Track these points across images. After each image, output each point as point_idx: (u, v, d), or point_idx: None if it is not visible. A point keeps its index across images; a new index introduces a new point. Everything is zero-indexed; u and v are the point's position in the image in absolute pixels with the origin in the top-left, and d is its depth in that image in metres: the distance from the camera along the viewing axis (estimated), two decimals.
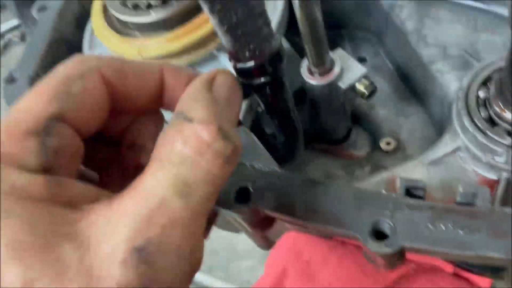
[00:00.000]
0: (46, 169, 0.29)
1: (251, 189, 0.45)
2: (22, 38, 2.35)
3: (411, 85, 0.69)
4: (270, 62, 0.43)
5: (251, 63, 0.42)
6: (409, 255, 0.65)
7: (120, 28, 0.62)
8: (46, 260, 0.25)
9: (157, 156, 0.30)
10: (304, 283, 0.68)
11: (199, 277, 1.35)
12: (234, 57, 0.42)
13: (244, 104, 0.54)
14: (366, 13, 0.74)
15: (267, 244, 0.84)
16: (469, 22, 0.61)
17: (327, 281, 0.66)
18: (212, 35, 0.59)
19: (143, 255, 0.26)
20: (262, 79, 0.44)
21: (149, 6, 0.58)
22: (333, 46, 0.80)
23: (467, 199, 0.40)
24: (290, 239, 0.73)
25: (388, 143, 0.67)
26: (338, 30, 0.82)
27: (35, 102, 0.30)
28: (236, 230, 0.97)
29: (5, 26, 2.37)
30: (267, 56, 0.42)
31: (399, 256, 0.41)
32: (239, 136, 0.33)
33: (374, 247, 0.40)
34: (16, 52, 2.24)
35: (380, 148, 0.68)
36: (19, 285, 0.25)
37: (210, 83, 0.33)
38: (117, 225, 0.27)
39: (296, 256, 0.70)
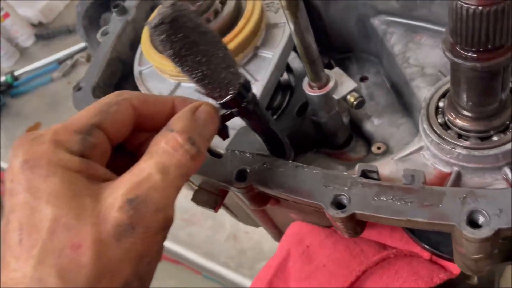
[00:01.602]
0: (82, 155, 0.44)
1: (248, 171, 0.59)
2: (88, 58, 2.63)
3: (402, 100, 0.81)
4: (238, 97, 0.52)
5: (224, 99, 0.52)
6: (390, 243, 0.77)
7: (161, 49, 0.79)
8: (71, 205, 0.40)
9: (148, 151, 0.46)
10: (304, 263, 0.80)
11: (228, 274, 1.49)
12: (209, 97, 0.52)
13: None
14: (367, 38, 0.87)
15: (279, 234, 0.97)
16: None
17: (322, 262, 0.78)
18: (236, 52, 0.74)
19: (133, 204, 0.41)
20: (235, 110, 0.54)
21: None
22: (342, 66, 0.94)
23: (407, 180, 0.52)
24: (295, 227, 0.86)
25: (378, 148, 0.79)
26: (347, 53, 0.95)
27: (84, 114, 0.47)
28: (256, 224, 1.10)
29: (74, 48, 2.65)
30: (233, 95, 0.51)
31: (355, 222, 0.53)
32: (207, 147, 0.49)
33: (333, 213, 0.52)
34: (83, 71, 2.51)
35: (372, 151, 0.80)
36: (50, 218, 0.40)
37: (195, 108, 0.50)
38: (118, 187, 0.42)
39: (298, 241, 0.83)
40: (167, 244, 1.64)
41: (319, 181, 0.56)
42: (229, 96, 0.52)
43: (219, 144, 0.65)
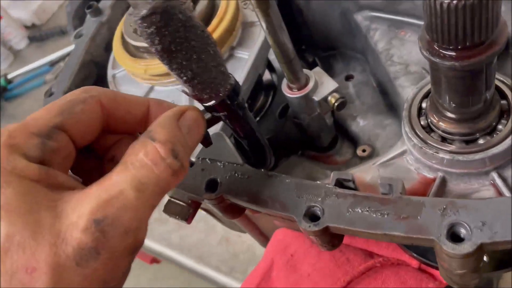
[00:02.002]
0: (42, 162, 0.39)
1: (218, 181, 0.56)
2: None
3: (387, 99, 0.77)
4: (227, 99, 0.48)
5: (211, 102, 0.47)
6: (377, 251, 0.73)
7: (133, 51, 0.75)
8: (27, 221, 0.35)
9: (123, 161, 0.40)
10: (288, 273, 0.77)
11: (220, 278, 1.46)
12: (196, 98, 0.47)
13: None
14: (351, 34, 0.83)
15: (266, 240, 0.93)
16: None
17: (307, 271, 0.75)
18: None
19: (99, 226, 0.36)
20: (223, 113, 0.50)
21: None
22: (327, 64, 0.90)
23: (385, 189, 0.49)
24: (280, 234, 0.82)
25: (363, 150, 0.75)
26: (332, 51, 0.91)
27: (45, 113, 0.41)
28: (241, 229, 1.07)
29: (67, 50, 2.62)
30: (223, 96, 0.47)
31: (330, 235, 0.50)
32: (189, 159, 0.44)
33: (306, 226, 0.49)
34: None
35: (357, 154, 0.76)
36: (3, 235, 0.34)
37: (180, 114, 0.44)
38: (83, 202, 0.37)
39: (282, 249, 0.79)
40: (160, 248, 1.61)
41: (292, 191, 0.52)
42: (219, 99, 0.47)
43: None
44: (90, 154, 0.47)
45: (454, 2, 0.39)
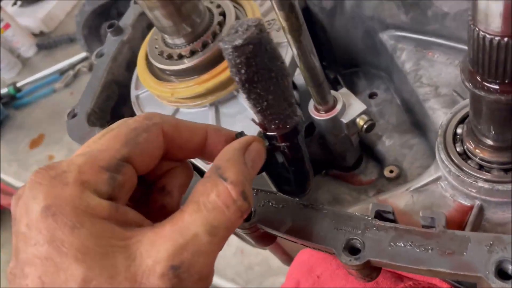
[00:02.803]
0: (110, 197, 0.38)
1: (252, 210, 0.55)
2: (90, 68, 2.60)
3: (413, 118, 0.77)
4: (290, 132, 0.49)
5: (275, 133, 0.48)
6: (408, 274, 0.72)
7: (159, 74, 0.75)
8: (103, 265, 0.34)
9: (195, 200, 0.39)
10: None
11: None
12: (262, 127, 0.49)
13: None
14: (376, 53, 0.82)
15: (288, 259, 0.93)
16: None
17: None
18: (231, 79, 0.70)
19: (177, 272, 0.35)
20: (284, 143, 0.51)
21: (180, 56, 0.70)
22: (349, 82, 0.89)
23: (426, 222, 0.48)
24: (305, 255, 0.81)
25: (391, 171, 0.75)
26: (354, 68, 0.90)
27: (112, 144, 0.40)
28: (262, 247, 1.06)
29: (76, 58, 2.62)
30: (290, 128, 0.48)
31: (370, 269, 0.49)
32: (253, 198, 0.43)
33: (346, 260, 0.48)
34: (85, 80, 2.49)
35: (384, 175, 0.75)
36: (79, 280, 0.33)
37: (246, 147, 0.44)
38: (159, 246, 0.36)
39: (308, 270, 0.78)
40: None
41: (330, 223, 0.51)
42: (285, 130, 0.48)
43: None
44: (140, 182, 0.45)
45: (505, 39, 0.38)
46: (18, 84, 2.75)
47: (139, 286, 0.34)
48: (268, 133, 0.48)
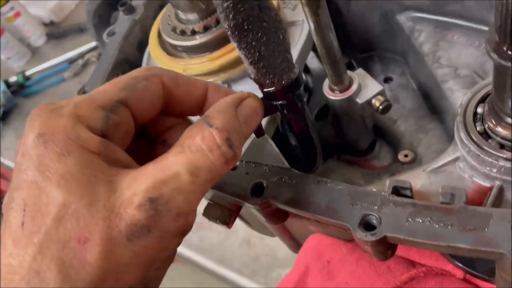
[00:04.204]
0: (104, 135, 0.39)
1: (265, 185, 0.54)
2: (99, 58, 2.60)
3: (430, 102, 0.75)
4: (288, 88, 0.48)
5: (272, 89, 0.48)
6: (420, 260, 0.71)
7: (171, 50, 0.73)
8: (83, 192, 0.35)
9: (181, 143, 0.40)
10: (324, 280, 0.74)
11: (241, 281, 1.44)
12: (258, 83, 0.48)
13: (266, 118, 0.62)
14: (392, 36, 0.80)
15: (297, 246, 0.91)
16: (481, 45, 0.66)
17: (344, 280, 0.72)
18: None
19: (154, 204, 0.36)
20: (282, 102, 0.50)
21: (193, 32, 0.69)
22: (364, 66, 0.87)
23: (446, 199, 0.46)
24: (315, 240, 0.80)
25: (406, 155, 0.73)
26: (369, 52, 0.89)
27: (110, 88, 0.42)
28: (271, 234, 1.05)
29: (85, 47, 2.62)
30: (285, 84, 0.48)
31: (385, 246, 0.47)
32: (241, 149, 0.43)
33: (361, 235, 0.46)
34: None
35: (398, 160, 0.74)
36: (59, 203, 0.35)
37: (239, 102, 0.44)
38: (139, 180, 0.37)
39: (318, 255, 0.77)
40: (179, 248, 1.60)
41: (345, 198, 0.50)
42: (281, 86, 0.47)
43: None
44: (142, 135, 0.47)
45: None
46: (27, 73, 2.75)
47: (116, 215, 0.35)
48: (265, 90, 0.48)
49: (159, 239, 0.37)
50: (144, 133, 0.47)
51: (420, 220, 0.45)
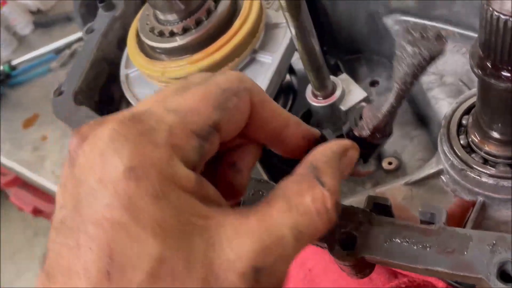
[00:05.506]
0: (195, 168, 0.33)
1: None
2: None
3: (416, 109, 0.73)
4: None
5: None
6: (401, 270, 0.69)
7: (149, 52, 0.71)
8: (180, 245, 0.30)
9: (286, 197, 0.35)
10: None
11: None
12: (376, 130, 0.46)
13: None
14: (379, 38, 0.78)
15: None
16: (467, 51, 0.64)
17: None
18: (225, 60, 0.66)
19: (257, 274, 0.31)
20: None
21: (172, 34, 0.66)
22: (350, 68, 0.85)
23: (425, 218, 0.45)
24: None
25: (390, 163, 0.72)
26: (356, 55, 0.87)
27: (202, 106, 0.34)
28: None
29: (72, 37, 2.57)
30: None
31: (363, 265, 0.46)
32: None
33: (338, 256, 0.45)
34: None
35: (382, 167, 0.72)
36: (154, 258, 0.29)
37: (344, 154, 0.39)
38: (243, 240, 0.31)
39: (300, 264, 0.76)
40: None
41: None
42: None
43: None
44: None
45: None
46: (14, 62, 2.70)
47: (215, 278, 0.30)
48: (363, 136, 0.46)
49: None
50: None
51: (399, 241, 0.44)
